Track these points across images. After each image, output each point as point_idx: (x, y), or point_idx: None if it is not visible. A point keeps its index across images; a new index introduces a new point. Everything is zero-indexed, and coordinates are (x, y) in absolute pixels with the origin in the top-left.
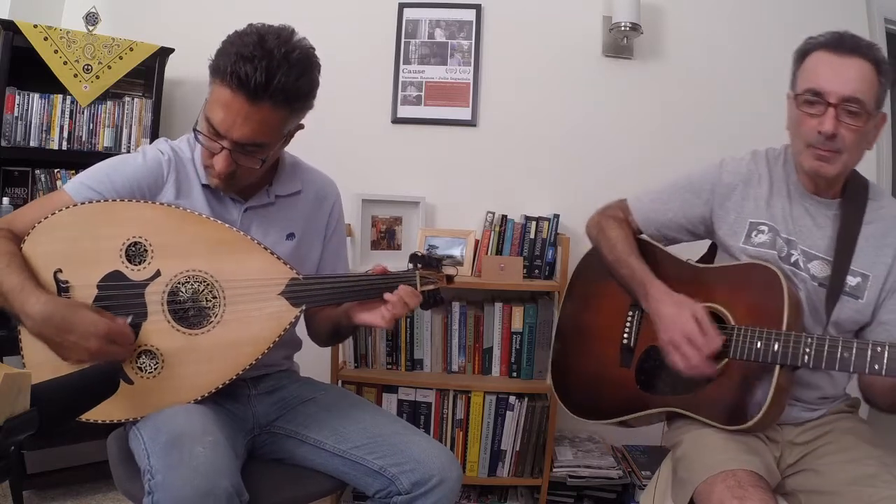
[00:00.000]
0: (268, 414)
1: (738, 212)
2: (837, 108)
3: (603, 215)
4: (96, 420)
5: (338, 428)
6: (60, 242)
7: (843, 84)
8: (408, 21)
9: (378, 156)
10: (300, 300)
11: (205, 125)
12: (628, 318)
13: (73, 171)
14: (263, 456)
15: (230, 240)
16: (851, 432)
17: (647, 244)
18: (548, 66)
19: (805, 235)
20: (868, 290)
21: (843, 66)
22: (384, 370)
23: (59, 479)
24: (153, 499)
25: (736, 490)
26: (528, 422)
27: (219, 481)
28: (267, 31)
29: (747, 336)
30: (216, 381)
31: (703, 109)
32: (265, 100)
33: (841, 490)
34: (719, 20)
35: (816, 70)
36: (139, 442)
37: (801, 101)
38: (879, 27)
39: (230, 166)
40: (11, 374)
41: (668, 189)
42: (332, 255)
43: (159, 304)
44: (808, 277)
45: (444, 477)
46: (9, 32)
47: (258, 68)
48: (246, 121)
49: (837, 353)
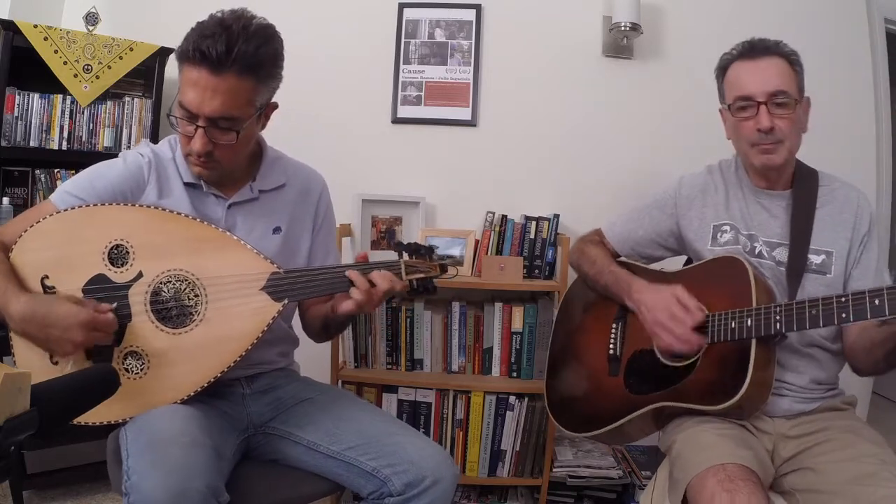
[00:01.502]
0: (262, 414)
1: (701, 219)
2: (767, 104)
3: (582, 241)
4: (87, 422)
5: (332, 429)
6: (46, 249)
7: (765, 82)
8: (408, 21)
9: (378, 156)
10: (282, 294)
11: (178, 111)
12: (612, 329)
13: (73, 172)
14: (259, 457)
15: (210, 237)
16: (849, 430)
17: (626, 262)
18: (548, 66)
19: (763, 228)
20: (834, 265)
21: (759, 67)
22: (384, 370)
23: (59, 479)
24: (129, 500)
25: (726, 483)
26: (528, 422)
27: (191, 482)
28: (225, 13)
29: (721, 320)
30: (201, 380)
31: (702, 109)
32: (229, 69)
33: (839, 489)
34: (719, 20)
35: (739, 78)
36: (124, 443)
37: (735, 108)
38: (879, 27)
39: (207, 145)
40: (11, 374)
41: (636, 210)
42: (322, 248)
43: (143, 304)
44: (773, 265)
45: (437, 478)
46: (9, 32)
47: (218, 41)
48: (214, 94)
49: (806, 312)
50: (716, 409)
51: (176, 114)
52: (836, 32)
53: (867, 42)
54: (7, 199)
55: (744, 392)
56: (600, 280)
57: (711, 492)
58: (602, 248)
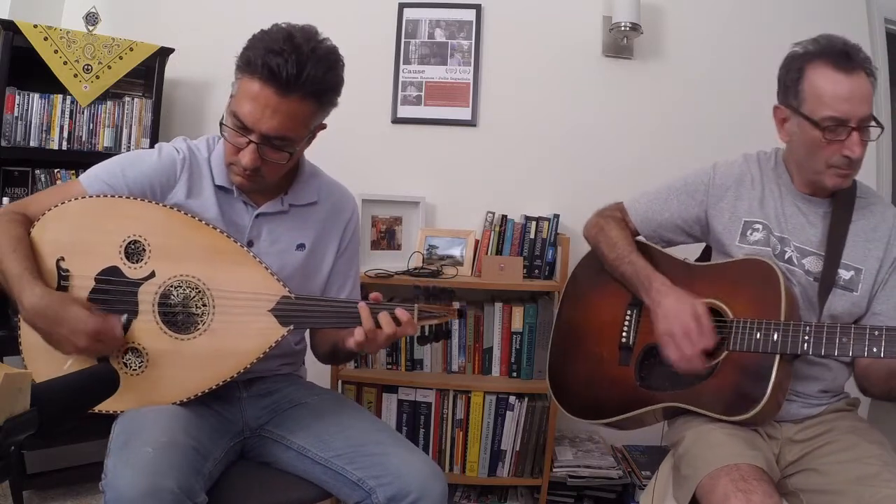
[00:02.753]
0: (258, 417)
1: (732, 211)
2: (860, 130)
3: (601, 216)
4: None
5: (322, 435)
6: (67, 231)
7: (861, 105)
8: (408, 21)
9: (378, 156)
10: (289, 320)
11: (231, 120)
12: (626, 317)
13: (73, 171)
14: (254, 458)
15: (228, 250)
16: (852, 431)
17: (645, 245)
18: (548, 66)
19: (797, 233)
20: (862, 283)
21: (854, 85)
22: (384, 370)
23: (59, 479)
24: (105, 498)
25: (740, 483)
26: (528, 422)
27: (162, 482)
28: (293, 28)
29: (746, 328)
30: (196, 389)
31: (702, 109)
32: (295, 92)
33: (843, 489)
34: (719, 20)
35: (834, 94)
36: (109, 441)
37: (824, 128)
38: (879, 27)
39: (256, 161)
40: (11, 374)
41: (664, 191)
42: (342, 272)
43: (150, 304)
44: (802, 273)
45: (422, 494)
46: (9, 32)
47: (288, 61)
48: (275, 113)
49: (836, 339)
50: (729, 420)
51: (227, 122)
52: (835, 32)
53: (867, 42)
54: (7, 199)
55: (760, 409)
56: (618, 267)
57: (725, 491)
58: (623, 228)
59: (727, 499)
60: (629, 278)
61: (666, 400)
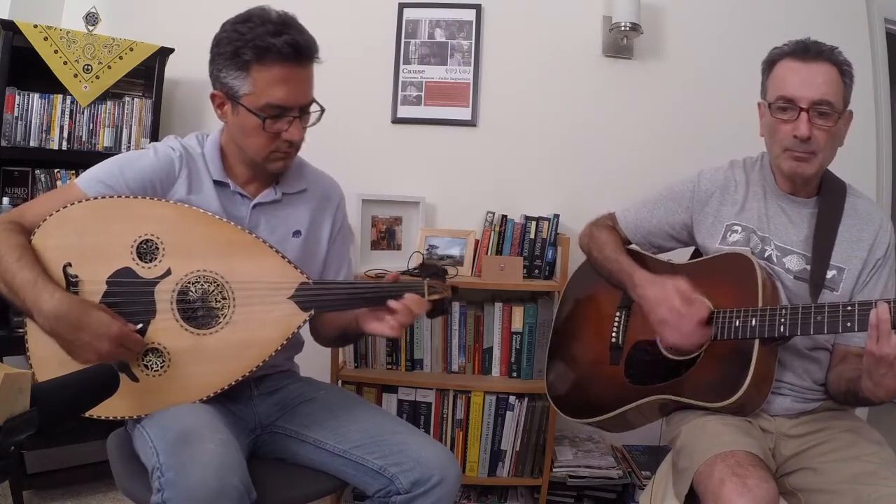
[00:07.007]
0: (269, 414)
1: (716, 216)
2: (809, 111)
3: (594, 225)
4: (100, 416)
5: (338, 428)
6: (71, 236)
7: (813, 89)
8: (408, 21)
9: (378, 156)
10: (309, 304)
11: (270, 110)
12: (615, 318)
13: (73, 171)
14: (265, 455)
15: (242, 242)
16: (850, 430)
17: (634, 252)
18: (548, 66)
19: (780, 232)
20: (843, 283)
21: (810, 71)
22: (384, 370)
23: (59, 479)
24: (163, 496)
25: (736, 468)
26: (528, 422)
27: (230, 479)
28: (259, 9)
29: (726, 317)
30: (222, 382)
31: (703, 109)
32: (309, 59)
33: (841, 488)
34: (719, 20)
35: (785, 78)
36: (145, 441)
37: (775, 108)
38: (879, 27)
39: (304, 132)
40: (11, 374)
41: (652, 199)
42: (337, 257)
43: (168, 302)
44: (783, 272)
45: (443, 476)
46: (9, 32)
47: (299, 35)
48: (306, 84)
49: (811, 318)
50: (714, 407)
51: (262, 114)
52: (835, 32)
53: (867, 42)
54: (7, 199)
55: (743, 392)
56: (605, 266)
57: (721, 477)
58: (613, 233)
59: (723, 483)
60: (615, 276)
61: (652, 394)
